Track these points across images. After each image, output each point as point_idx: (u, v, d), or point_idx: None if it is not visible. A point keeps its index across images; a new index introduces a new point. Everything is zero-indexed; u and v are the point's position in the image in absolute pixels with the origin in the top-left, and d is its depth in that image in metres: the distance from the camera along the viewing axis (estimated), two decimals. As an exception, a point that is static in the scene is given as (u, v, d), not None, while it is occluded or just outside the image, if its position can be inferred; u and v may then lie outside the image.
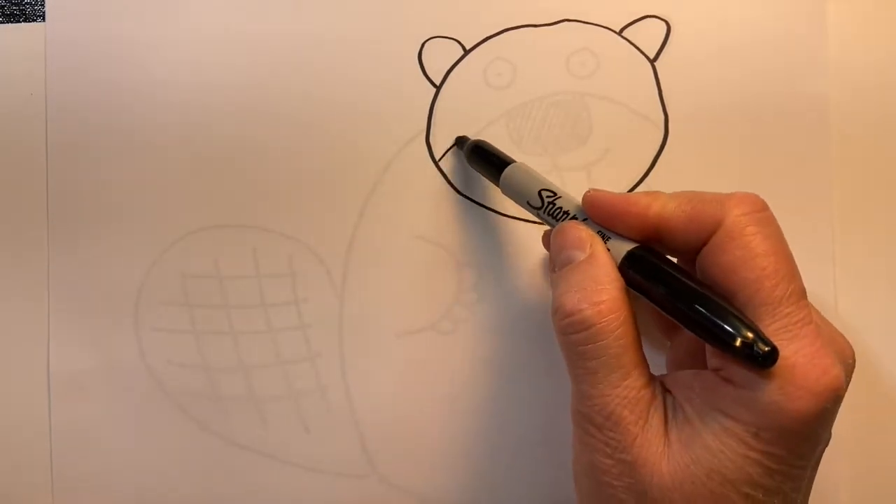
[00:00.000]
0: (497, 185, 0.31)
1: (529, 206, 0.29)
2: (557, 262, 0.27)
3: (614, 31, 0.34)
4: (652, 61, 0.34)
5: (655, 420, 0.24)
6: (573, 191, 0.29)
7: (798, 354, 0.23)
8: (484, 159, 0.32)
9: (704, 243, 0.25)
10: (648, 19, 0.34)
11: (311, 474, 0.34)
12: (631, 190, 0.34)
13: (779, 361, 0.22)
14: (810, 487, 0.26)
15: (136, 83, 0.34)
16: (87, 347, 0.34)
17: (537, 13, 0.34)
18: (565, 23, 0.34)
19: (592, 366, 0.25)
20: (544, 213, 0.29)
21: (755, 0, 0.34)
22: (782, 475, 0.23)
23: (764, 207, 0.25)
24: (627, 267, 0.25)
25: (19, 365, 0.34)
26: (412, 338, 0.34)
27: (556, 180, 0.34)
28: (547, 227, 0.31)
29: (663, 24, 0.34)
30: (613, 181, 0.34)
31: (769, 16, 0.34)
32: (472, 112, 0.34)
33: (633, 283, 0.25)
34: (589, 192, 0.27)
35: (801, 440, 0.23)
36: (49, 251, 0.34)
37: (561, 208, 0.28)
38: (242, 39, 0.34)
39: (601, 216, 0.27)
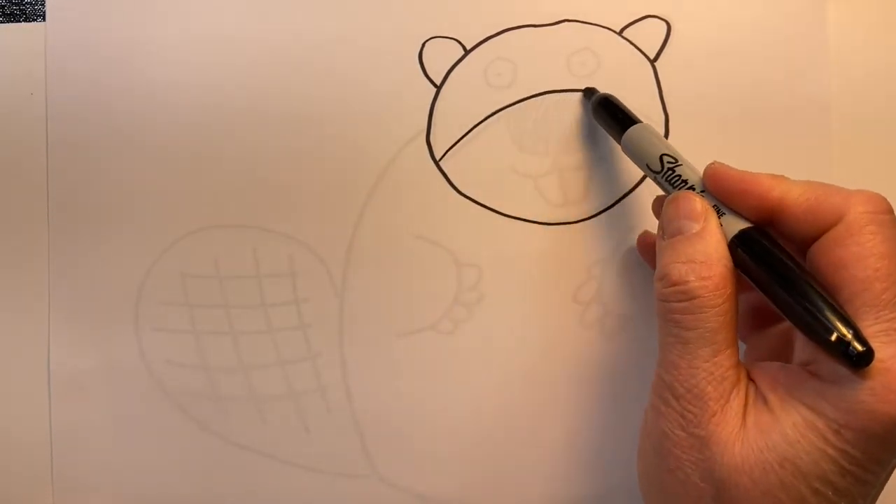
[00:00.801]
0: (618, 142, 0.31)
1: (648, 168, 0.29)
2: (668, 231, 0.27)
3: (615, 32, 0.34)
4: (652, 61, 0.34)
5: (736, 402, 0.24)
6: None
7: (894, 360, 0.22)
8: (610, 114, 0.31)
9: (820, 235, 0.25)
10: (649, 19, 0.34)
11: (311, 474, 0.34)
12: (631, 190, 0.34)
13: (874, 364, 0.22)
14: (877, 497, 0.25)
15: (136, 83, 0.34)
16: (87, 347, 0.34)
17: (538, 13, 0.34)
18: (566, 23, 0.34)
19: (686, 336, 0.25)
20: (662, 178, 0.28)
21: (755, 0, 0.34)
22: (854, 478, 0.23)
23: (888, 210, 0.25)
24: (737, 245, 0.25)
25: (19, 365, 0.34)
26: (412, 338, 0.34)
27: (556, 180, 0.34)
28: (659, 193, 0.31)
29: (664, 24, 0.34)
30: (613, 181, 0.34)
31: (769, 16, 0.34)
32: (472, 112, 0.34)
33: (740, 262, 0.25)
34: (713, 164, 0.27)
35: (881, 445, 0.23)
36: (49, 251, 0.34)
37: (680, 176, 0.28)
38: (242, 39, 0.34)
39: (721, 191, 0.27)
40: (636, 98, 0.34)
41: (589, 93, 0.33)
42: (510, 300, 0.34)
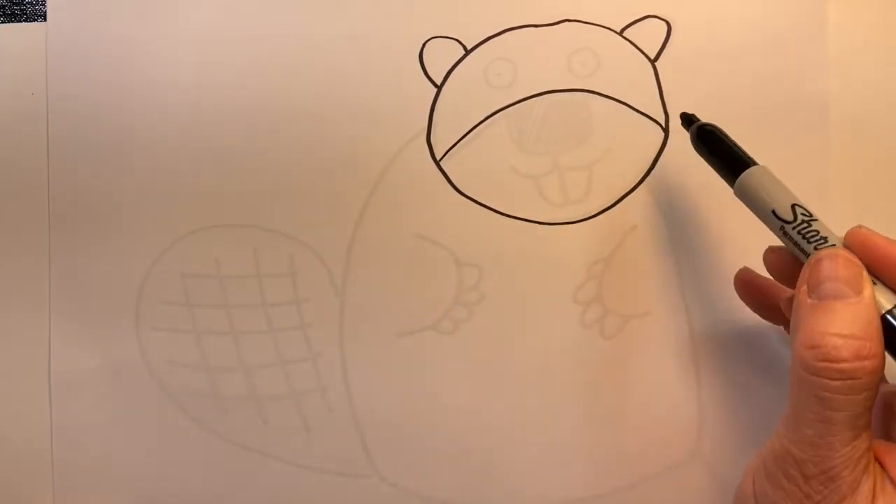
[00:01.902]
0: (725, 178, 0.29)
1: (775, 215, 0.27)
2: (821, 291, 0.24)
3: (615, 32, 0.34)
4: (653, 61, 0.34)
5: (866, 487, 0.23)
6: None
7: None
8: (717, 149, 0.29)
9: None
10: (649, 19, 0.34)
11: (312, 474, 0.34)
12: (631, 190, 0.34)
13: None
14: None
15: (136, 83, 0.34)
16: (87, 347, 0.34)
17: (538, 13, 0.34)
18: (566, 23, 0.34)
19: (833, 417, 0.23)
20: (794, 229, 0.26)
21: (756, 0, 0.34)
22: None
23: None
24: (892, 321, 0.23)
25: (20, 365, 0.34)
26: (413, 337, 0.34)
27: (556, 180, 0.34)
28: (776, 243, 0.28)
29: (664, 24, 0.34)
30: (614, 181, 0.34)
31: (770, 16, 0.34)
32: (472, 112, 0.34)
33: (890, 338, 0.23)
34: (859, 229, 0.25)
35: None
36: (50, 251, 0.34)
37: (818, 232, 0.26)
38: (243, 39, 0.34)
39: (867, 259, 0.25)
40: (636, 98, 0.34)
41: (686, 119, 0.31)
42: (510, 300, 0.34)
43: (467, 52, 0.34)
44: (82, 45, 0.34)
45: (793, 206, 0.27)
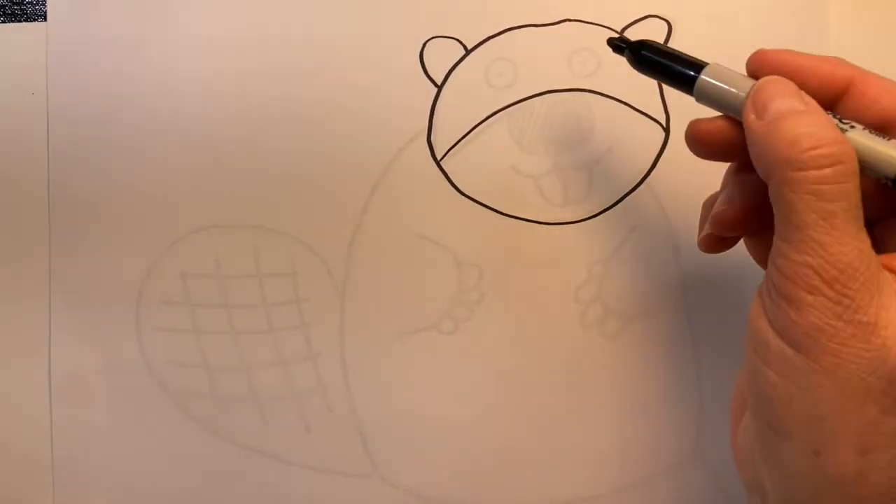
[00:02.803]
0: (680, 88, 0.27)
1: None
2: (771, 110, 0.23)
3: (616, 31, 0.34)
4: (653, 61, 0.34)
5: (886, 285, 0.22)
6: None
7: None
8: (664, 61, 0.28)
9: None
10: (650, 19, 0.34)
11: (313, 474, 0.34)
12: (632, 190, 0.34)
13: None
14: None
15: (137, 83, 0.34)
16: (87, 347, 0.34)
17: (539, 13, 0.34)
18: (566, 22, 0.34)
19: (833, 209, 0.21)
20: None
21: (757, 0, 0.34)
22: None
23: None
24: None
25: (20, 365, 0.34)
26: (413, 337, 0.34)
27: (557, 180, 0.34)
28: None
29: (665, 24, 0.34)
30: (615, 180, 0.34)
31: (771, 16, 0.34)
32: (473, 112, 0.34)
33: None
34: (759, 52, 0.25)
35: None
36: (50, 250, 0.34)
37: None
38: (243, 39, 0.34)
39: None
40: (637, 98, 0.34)
41: (617, 46, 0.29)
42: (511, 300, 0.34)
43: (468, 51, 0.34)
44: (82, 45, 0.34)
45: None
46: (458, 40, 0.34)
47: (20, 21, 0.34)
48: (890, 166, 0.23)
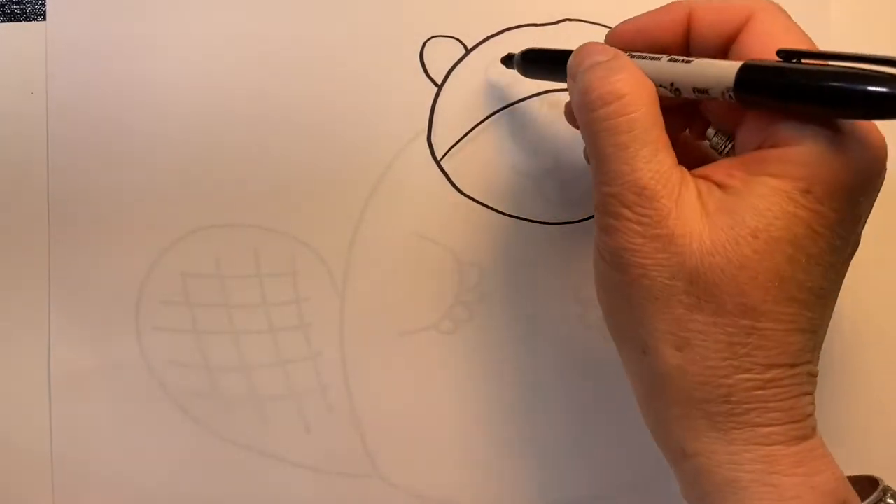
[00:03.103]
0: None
1: None
2: (581, 68, 0.26)
3: (616, 31, 0.34)
4: (653, 60, 0.34)
5: (688, 196, 0.24)
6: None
7: None
8: (545, 60, 0.30)
9: (732, 40, 0.25)
10: (650, 18, 0.34)
11: (312, 474, 0.34)
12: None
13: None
14: (829, 315, 0.25)
15: (136, 82, 0.34)
16: (87, 347, 0.34)
17: (538, 12, 0.34)
18: (567, 22, 0.34)
19: (623, 140, 0.24)
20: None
21: (756, 0, 0.34)
22: (825, 242, 0.23)
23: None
24: (745, 82, 0.23)
25: (19, 365, 0.34)
26: (413, 337, 0.34)
27: (557, 179, 0.34)
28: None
29: (665, 23, 0.34)
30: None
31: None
32: (473, 111, 0.34)
33: (752, 96, 0.23)
34: (613, 29, 0.28)
35: (847, 200, 0.23)
36: (50, 250, 0.34)
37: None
38: (243, 39, 0.34)
39: (629, 42, 0.27)
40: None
41: (507, 60, 0.32)
42: (511, 300, 0.34)
43: (468, 51, 0.34)
44: (82, 45, 0.34)
45: (630, 54, 0.27)
46: (458, 40, 0.34)
47: (20, 20, 0.34)
48: (687, 85, 0.25)
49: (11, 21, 0.34)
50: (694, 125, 0.30)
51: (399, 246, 0.34)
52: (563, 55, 0.28)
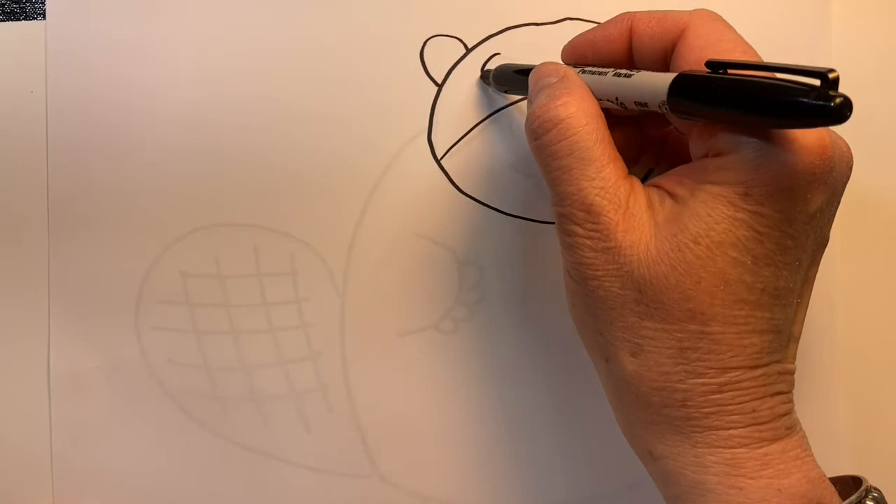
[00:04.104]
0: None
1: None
2: (532, 94, 0.27)
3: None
4: (654, 60, 0.34)
5: (637, 208, 0.25)
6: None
7: None
8: (512, 76, 0.31)
9: (671, 49, 0.26)
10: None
11: (312, 474, 0.34)
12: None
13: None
14: (806, 304, 0.26)
15: (136, 81, 0.34)
16: (87, 346, 0.34)
17: (539, 12, 0.34)
18: (567, 21, 0.34)
19: (566, 163, 0.25)
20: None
21: (758, 0, 0.34)
22: (773, 242, 0.23)
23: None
24: (676, 90, 0.24)
25: (19, 364, 0.34)
26: (414, 337, 0.34)
27: (558, 179, 0.34)
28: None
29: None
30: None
31: (772, 16, 0.34)
32: (473, 110, 0.34)
33: (680, 108, 0.24)
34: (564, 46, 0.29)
35: (790, 200, 0.23)
36: (49, 250, 0.34)
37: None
38: (243, 38, 0.34)
39: (581, 56, 0.28)
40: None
41: (485, 76, 0.33)
42: (511, 299, 0.34)
43: (468, 50, 0.34)
44: (82, 44, 0.34)
45: (582, 69, 0.28)
46: (458, 39, 0.34)
47: (19, 20, 0.34)
48: (629, 98, 0.25)
49: (11, 20, 0.34)
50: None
51: (399, 246, 0.34)
52: (528, 72, 0.29)
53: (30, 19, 0.34)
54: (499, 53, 0.34)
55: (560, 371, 0.34)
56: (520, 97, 0.34)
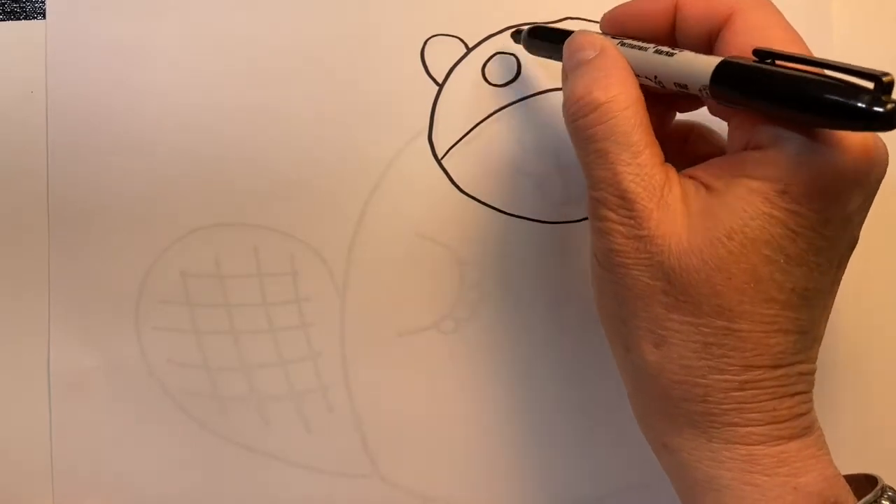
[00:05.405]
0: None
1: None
2: (568, 68, 0.27)
3: (617, 29, 0.34)
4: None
5: (671, 198, 0.24)
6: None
7: None
8: (546, 38, 0.31)
9: (717, 33, 0.25)
10: (651, 17, 0.34)
11: (313, 474, 0.34)
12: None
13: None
14: (831, 305, 0.25)
15: (136, 81, 0.34)
16: (87, 347, 0.34)
17: (540, 11, 0.34)
18: (568, 20, 0.34)
19: (603, 147, 0.24)
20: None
21: (758, -2, 0.34)
22: (807, 242, 0.23)
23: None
24: (719, 81, 0.23)
25: (19, 365, 0.34)
26: (414, 337, 0.34)
27: (559, 178, 0.34)
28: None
29: (666, 21, 0.34)
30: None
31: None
32: (474, 110, 0.34)
33: (725, 95, 0.23)
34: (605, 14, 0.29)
35: (828, 201, 0.22)
36: (49, 250, 0.34)
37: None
38: (243, 37, 0.34)
39: (621, 27, 0.28)
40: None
41: (516, 34, 0.33)
42: (512, 299, 0.34)
43: (469, 49, 0.34)
44: (82, 44, 0.34)
45: (621, 41, 0.27)
46: (459, 38, 0.34)
47: (19, 19, 0.34)
48: (669, 78, 0.25)
49: (11, 19, 0.34)
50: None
51: (400, 245, 0.34)
52: (566, 36, 0.28)
53: (30, 19, 0.34)
54: (500, 53, 0.34)
55: (561, 370, 0.34)
56: (519, 98, 0.34)
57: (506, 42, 0.34)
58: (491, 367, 0.34)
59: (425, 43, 0.34)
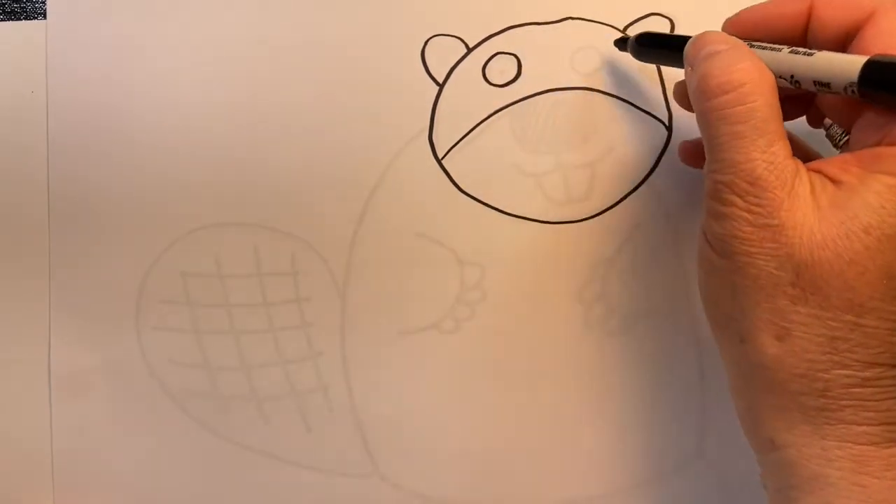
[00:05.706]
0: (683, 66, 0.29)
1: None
2: (698, 60, 0.26)
3: (618, 29, 0.34)
4: (656, 59, 0.34)
5: (801, 189, 0.24)
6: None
7: None
8: (660, 45, 0.31)
9: (854, 34, 0.25)
10: (652, 17, 0.34)
11: (313, 473, 0.34)
12: (635, 188, 0.34)
13: None
14: None
15: (137, 81, 0.34)
16: (87, 347, 0.34)
17: (541, 11, 0.34)
18: (569, 20, 0.34)
19: (740, 130, 0.24)
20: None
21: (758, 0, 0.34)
22: None
23: None
24: (868, 78, 0.23)
25: (20, 364, 0.34)
26: (414, 337, 0.34)
27: (559, 178, 0.34)
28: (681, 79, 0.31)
29: (667, 21, 0.34)
30: (617, 179, 0.34)
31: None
32: (474, 110, 0.34)
33: (872, 96, 0.24)
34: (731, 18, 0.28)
35: None
36: (50, 250, 0.34)
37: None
38: (244, 37, 0.34)
39: (749, 31, 0.27)
40: (640, 96, 0.34)
41: (621, 43, 0.33)
42: (513, 299, 0.34)
43: (469, 50, 0.34)
44: (82, 44, 0.34)
45: (749, 44, 0.27)
46: (459, 38, 0.34)
47: (20, 19, 0.34)
48: (808, 78, 0.25)
49: (11, 19, 0.34)
50: (810, 114, 0.30)
51: (400, 245, 0.34)
52: (679, 41, 0.28)
53: (30, 19, 0.34)
54: (500, 53, 0.34)
55: (561, 371, 0.34)
56: (519, 98, 0.34)
57: (506, 42, 0.34)
58: (491, 366, 0.34)
59: (426, 43, 0.34)
